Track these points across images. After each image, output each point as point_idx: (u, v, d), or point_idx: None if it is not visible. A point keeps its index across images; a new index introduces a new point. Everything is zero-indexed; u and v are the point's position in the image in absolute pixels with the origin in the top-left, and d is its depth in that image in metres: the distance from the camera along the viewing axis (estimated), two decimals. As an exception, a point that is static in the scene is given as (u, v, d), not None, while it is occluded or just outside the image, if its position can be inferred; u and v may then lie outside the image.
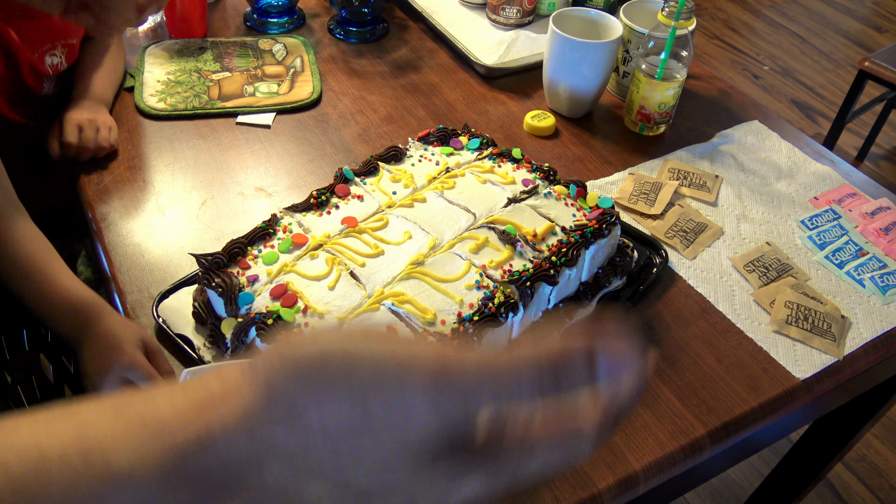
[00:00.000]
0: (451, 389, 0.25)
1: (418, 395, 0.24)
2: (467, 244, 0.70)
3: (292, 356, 0.25)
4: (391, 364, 0.25)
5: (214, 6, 1.26)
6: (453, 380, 0.25)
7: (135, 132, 0.98)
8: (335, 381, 0.24)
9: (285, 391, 0.25)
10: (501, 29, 1.21)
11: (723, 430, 0.69)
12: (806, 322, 0.79)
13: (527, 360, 0.25)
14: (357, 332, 0.26)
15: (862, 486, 1.61)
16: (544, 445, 0.26)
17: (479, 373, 0.25)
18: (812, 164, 1.02)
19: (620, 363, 0.26)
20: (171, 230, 0.84)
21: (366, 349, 0.25)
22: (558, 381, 0.25)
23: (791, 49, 3.13)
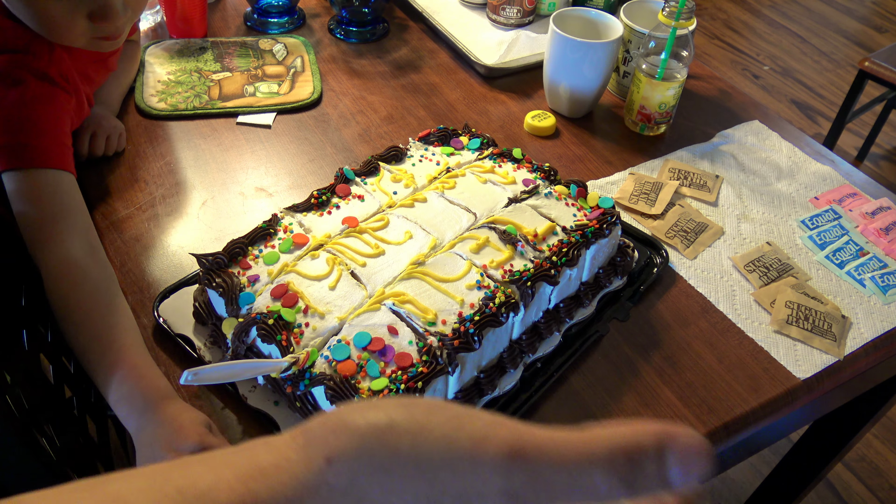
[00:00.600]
0: (527, 476, 0.22)
1: (493, 481, 0.22)
2: (468, 244, 0.70)
3: (356, 425, 0.23)
4: (465, 441, 0.22)
5: (215, 6, 1.26)
6: (530, 465, 0.22)
7: (135, 132, 0.98)
8: (402, 456, 0.22)
9: (346, 465, 0.23)
10: (502, 29, 1.21)
11: (723, 430, 0.69)
12: (806, 322, 0.79)
13: (599, 446, 0.23)
14: (423, 404, 0.24)
15: (862, 486, 1.61)
16: None
17: (554, 459, 0.22)
18: (812, 164, 1.02)
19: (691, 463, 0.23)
20: (171, 230, 0.84)
21: (436, 421, 0.23)
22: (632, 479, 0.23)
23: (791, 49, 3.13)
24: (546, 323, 0.71)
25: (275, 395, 0.66)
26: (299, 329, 0.62)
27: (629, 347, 0.75)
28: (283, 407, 0.65)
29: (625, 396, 0.71)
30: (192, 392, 0.68)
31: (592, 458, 0.22)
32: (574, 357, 0.73)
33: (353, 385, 0.57)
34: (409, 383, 0.58)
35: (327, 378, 0.58)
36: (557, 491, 0.22)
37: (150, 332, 0.72)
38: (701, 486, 0.24)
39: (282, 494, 0.23)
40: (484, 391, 0.67)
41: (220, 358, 0.68)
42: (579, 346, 0.74)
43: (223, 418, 0.66)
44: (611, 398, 0.71)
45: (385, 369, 0.59)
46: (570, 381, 0.72)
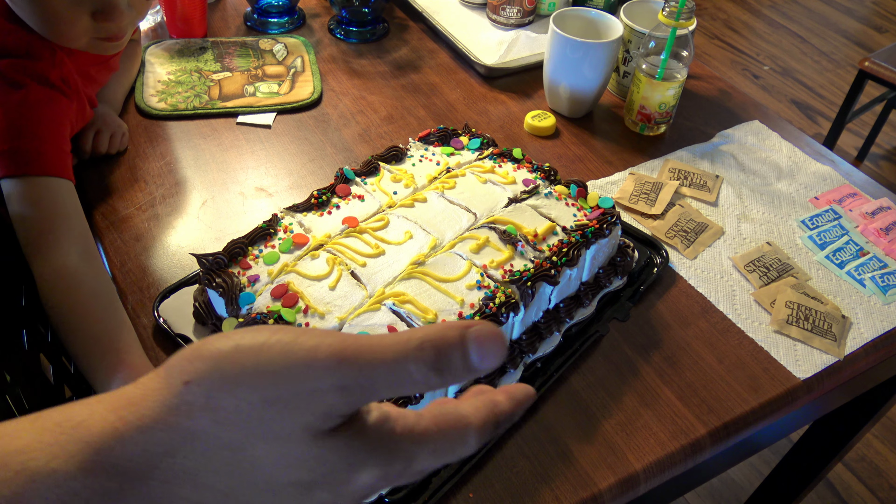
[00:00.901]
0: (354, 372, 0.26)
1: (325, 379, 0.26)
2: (468, 244, 0.70)
3: (208, 351, 0.27)
4: (300, 351, 0.26)
5: (215, 6, 1.26)
6: (355, 364, 0.26)
7: (135, 132, 0.98)
8: (248, 370, 0.26)
9: (201, 385, 0.26)
10: (502, 29, 1.21)
11: (723, 430, 0.69)
12: (806, 322, 0.79)
13: (412, 343, 0.27)
14: (265, 329, 0.28)
15: (862, 486, 1.61)
16: (434, 440, 0.28)
17: (376, 357, 0.27)
18: (812, 164, 1.02)
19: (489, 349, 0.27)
20: (171, 230, 0.84)
21: (275, 339, 0.27)
22: (440, 367, 0.27)
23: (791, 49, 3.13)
24: (546, 323, 0.72)
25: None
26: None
27: (629, 347, 0.75)
28: (283, 407, 0.65)
29: (625, 396, 0.71)
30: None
31: (406, 353, 0.27)
32: (574, 357, 0.73)
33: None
34: (409, 383, 0.58)
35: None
36: (380, 382, 0.26)
37: (151, 332, 0.72)
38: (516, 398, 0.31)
39: (149, 417, 0.26)
40: (484, 391, 0.67)
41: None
42: (579, 346, 0.74)
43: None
44: (611, 398, 0.71)
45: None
46: (570, 381, 0.72)
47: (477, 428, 0.29)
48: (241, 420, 0.26)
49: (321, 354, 0.26)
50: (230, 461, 0.26)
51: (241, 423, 0.26)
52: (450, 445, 0.29)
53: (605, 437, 0.67)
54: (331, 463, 0.27)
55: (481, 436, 0.29)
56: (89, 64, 0.88)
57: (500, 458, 0.65)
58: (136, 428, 0.26)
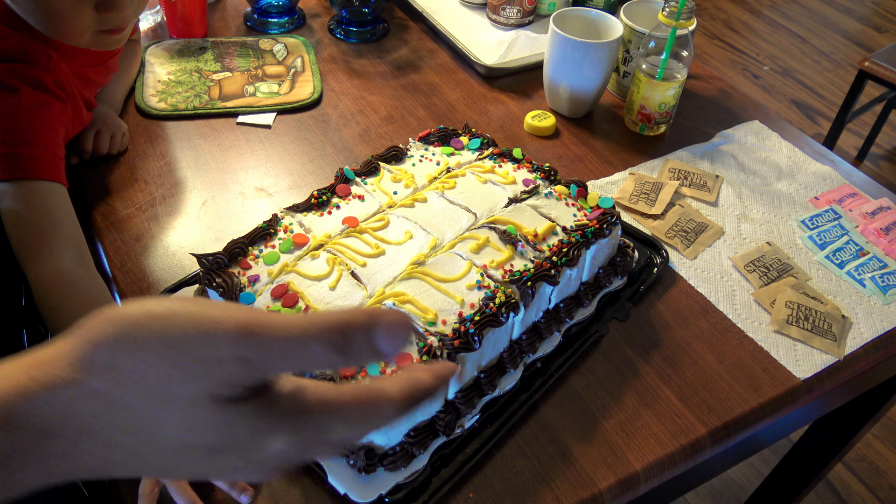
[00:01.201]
0: (256, 346, 0.27)
1: (228, 350, 0.27)
2: (468, 244, 0.70)
3: (118, 315, 0.27)
4: (206, 322, 0.27)
5: (215, 6, 1.26)
6: (259, 338, 0.27)
7: (135, 132, 0.98)
8: (154, 336, 0.27)
9: (108, 346, 0.27)
10: (502, 29, 1.21)
11: (723, 430, 0.69)
12: (806, 322, 0.79)
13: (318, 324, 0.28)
14: (176, 298, 0.29)
15: (862, 486, 1.61)
16: (349, 410, 0.29)
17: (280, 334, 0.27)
18: (812, 164, 1.02)
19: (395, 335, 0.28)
20: (171, 230, 0.84)
21: (184, 309, 0.27)
22: (344, 348, 0.28)
23: (791, 49, 3.13)
24: (546, 323, 0.71)
25: (275, 395, 0.66)
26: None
27: (629, 347, 0.75)
28: (284, 407, 0.65)
29: (625, 396, 0.71)
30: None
31: (311, 332, 0.28)
32: (574, 357, 0.73)
33: (354, 385, 0.57)
34: (410, 383, 0.58)
35: (327, 378, 0.58)
36: (282, 358, 0.28)
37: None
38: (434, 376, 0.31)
39: (56, 376, 0.27)
40: (484, 391, 0.67)
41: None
42: (579, 346, 0.74)
43: (223, 418, 0.66)
44: (611, 398, 0.71)
45: (385, 369, 0.59)
46: (570, 381, 0.72)
47: (393, 399, 0.30)
48: (143, 382, 0.27)
49: (226, 326, 0.27)
50: (133, 421, 0.27)
51: (142, 384, 0.27)
52: (365, 416, 0.29)
53: (605, 437, 0.67)
54: (237, 429, 0.28)
55: (399, 407, 0.30)
56: (87, 65, 0.87)
57: (500, 458, 0.65)
58: (43, 386, 0.27)
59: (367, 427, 0.30)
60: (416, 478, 0.61)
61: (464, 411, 0.65)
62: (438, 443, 0.63)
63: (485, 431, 0.66)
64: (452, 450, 0.64)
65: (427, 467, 0.62)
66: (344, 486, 0.60)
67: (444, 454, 0.63)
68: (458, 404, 0.64)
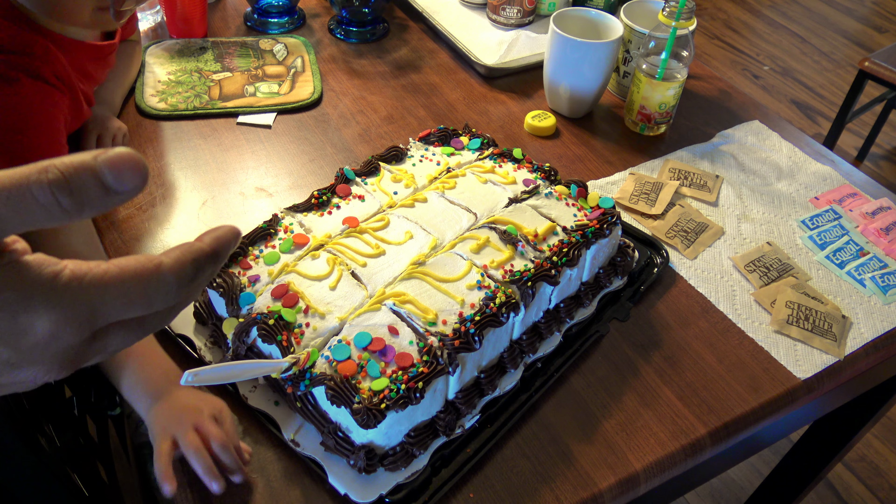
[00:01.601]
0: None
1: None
2: (468, 244, 0.70)
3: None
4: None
5: (215, 6, 1.26)
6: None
7: (135, 132, 0.98)
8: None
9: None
10: (502, 29, 1.21)
11: (723, 430, 0.69)
12: (807, 322, 0.79)
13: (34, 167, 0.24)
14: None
15: (862, 486, 1.61)
16: (120, 281, 0.26)
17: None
18: (812, 164, 1.02)
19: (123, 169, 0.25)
20: (171, 230, 0.84)
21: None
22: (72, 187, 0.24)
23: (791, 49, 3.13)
24: (546, 323, 0.71)
25: (275, 395, 0.66)
26: (300, 329, 0.62)
27: (629, 347, 0.75)
28: (284, 407, 0.65)
29: (625, 396, 0.71)
30: (193, 392, 0.68)
31: (28, 176, 0.24)
32: (574, 357, 0.73)
33: (354, 385, 0.58)
34: (410, 383, 0.58)
35: (328, 378, 0.58)
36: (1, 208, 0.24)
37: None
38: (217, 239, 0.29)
39: None
40: (484, 391, 0.67)
41: (221, 358, 0.68)
42: (579, 346, 0.74)
43: (223, 418, 0.66)
44: (611, 398, 0.71)
45: (385, 369, 0.59)
46: (570, 381, 0.72)
47: (170, 266, 0.27)
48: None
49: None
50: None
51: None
52: (141, 287, 0.26)
53: (605, 437, 0.67)
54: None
55: (178, 274, 0.27)
56: (86, 59, 0.87)
57: (500, 458, 0.65)
58: None
59: (146, 301, 0.27)
60: (416, 478, 0.61)
61: (464, 411, 0.65)
62: (439, 443, 0.63)
63: (485, 431, 0.66)
64: (452, 450, 0.64)
65: (427, 467, 0.62)
66: (344, 487, 0.60)
67: (444, 454, 0.63)
68: (459, 404, 0.64)
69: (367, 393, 0.57)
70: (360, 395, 0.57)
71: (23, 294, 0.25)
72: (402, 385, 0.57)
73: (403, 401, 0.57)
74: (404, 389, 0.57)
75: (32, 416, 0.78)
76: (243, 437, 0.65)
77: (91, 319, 0.26)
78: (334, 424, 0.61)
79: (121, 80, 1.01)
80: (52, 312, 0.25)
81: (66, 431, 0.88)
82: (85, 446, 0.93)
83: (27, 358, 0.26)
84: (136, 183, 0.26)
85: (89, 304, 0.25)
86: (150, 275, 0.26)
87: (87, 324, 0.26)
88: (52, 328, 0.25)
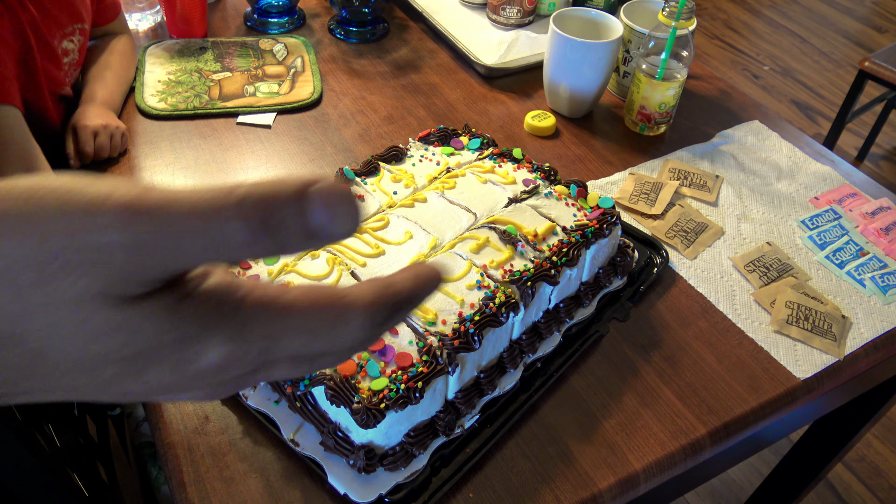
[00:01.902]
0: (151, 227, 0.21)
1: (111, 234, 0.21)
2: (468, 244, 0.70)
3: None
4: (80, 196, 0.21)
5: (215, 6, 1.26)
6: (154, 217, 0.21)
7: (135, 132, 0.98)
8: (10, 219, 0.21)
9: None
10: (502, 29, 1.21)
11: (723, 430, 0.69)
12: (806, 322, 0.79)
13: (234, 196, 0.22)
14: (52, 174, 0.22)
15: (862, 486, 1.61)
16: (303, 314, 0.23)
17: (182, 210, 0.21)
18: (812, 164, 1.02)
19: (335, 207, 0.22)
20: (171, 230, 0.84)
21: (54, 184, 0.21)
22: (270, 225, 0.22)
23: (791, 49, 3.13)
24: (546, 323, 0.71)
25: (275, 394, 0.66)
26: None
27: (629, 347, 0.75)
28: (283, 407, 0.65)
29: (625, 396, 0.71)
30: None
31: (226, 206, 0.21)
32: (574, 357, 0.73)
33: (353, 385, 0.58)
34: (410, 383, 0.58)
35: (327, 378, 0.58)
36: (187, 242, 0.21)
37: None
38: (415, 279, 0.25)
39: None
40: (484, 391, 0.67)
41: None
42: (579, 346, 0.74)
43: (223, 418, 0.66)
44: (611, 398, 0.71)
45: (385, 369, 0.59)
46: (570, 381, 0.72)
47: (363, 305, 0.24)
48: (10, 283, 0.21)
49: (108, 205, 0.21)
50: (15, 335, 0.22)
51: (9, 286, 0.21)
52: (325, 324, 0.23)
53: (605, 437, 0.67)
54: (150, 334, 0.22)
55: (370, 316, 0.24)
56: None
57: (500, 458, 0.65)
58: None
59: (329, 340, 0.24)
60: (415, 478, 0.61)
61: (464, 411, 0.65)
62: (438, 443, 0.63)
63: (485, 431, 0.66)
64: (452, 450, 0.64)
65: (427, 467, 0.62)
66: (344, 486, 0.60)
67: (443, 454, 0.63)
68: (458, 404, 0.64)
69: (367, 393, 0.57)
70: (360, 395, 0.57)
71: (203, 327, 0.23)
72: (402, 385, 0.57)
73: (403, 401, 0.57)
74: (404, 389, 0.57)
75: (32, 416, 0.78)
76: (242, 437, 0.65)
77: (266, 353, 0.24)
78: (334, 424, 0.61)
79: (119, 79, 1.01)
80: (228, 345, 0.23)
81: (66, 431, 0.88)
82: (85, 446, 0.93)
83: (188, 384, 0.24)
84: (347, 228, 0.22)
85: (269, 338, 0.23)
86: (340, 312, 0.24)
87: (260, 357, 0.24)
88: (223, 360, 0.23)
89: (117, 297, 0.22)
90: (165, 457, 0.64)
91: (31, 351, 0.22)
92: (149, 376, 0.23)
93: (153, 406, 0.67)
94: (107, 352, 0.22)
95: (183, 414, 0.66)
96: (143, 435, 1.05)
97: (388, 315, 0.24)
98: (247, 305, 0.23)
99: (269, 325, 0.23)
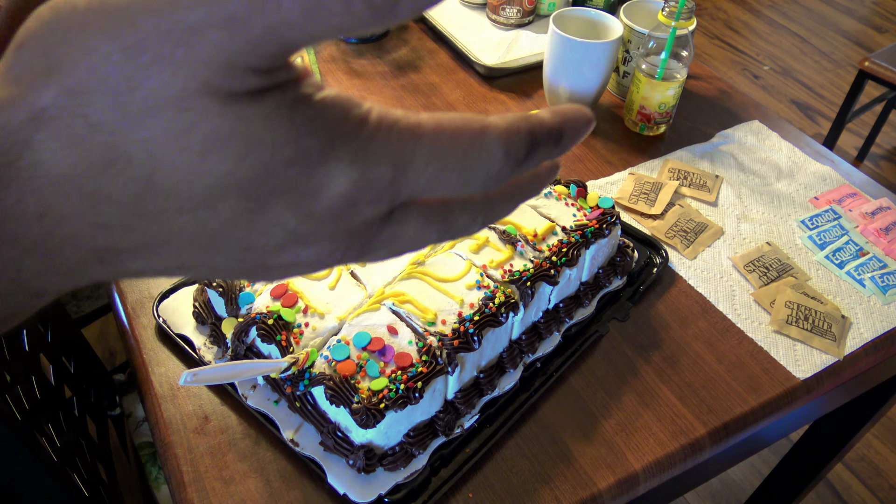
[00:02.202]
0: None
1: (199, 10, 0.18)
2: (468, 244, 0.70)
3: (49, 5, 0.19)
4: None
5: (215, 6, 1.25)
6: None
7: (135, 132, 0.98)
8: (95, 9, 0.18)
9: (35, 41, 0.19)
10: (501, 29, 1.21)
11: (723, 430, 0.69)
12: (806, 322, 0.79)
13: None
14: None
15: (862, 486, 1.61)
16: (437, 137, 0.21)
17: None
18: (812, 164, 1.02)
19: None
20: (171, 230, 0.84)
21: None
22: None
23: (791, 49, 3.13)
24: (546, 323, 0.72)
25: (275, 394, 0.66)
26: (299, 329, 0.62)
27: (629, 347, 0.75)
28: (283, 407, 0.65)
29: (624, 396, 0.71)
30: (192, 392, 0.68)
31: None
32: (574, 357, 0.73)
33: (353, 385, 0.58)
34: (409, 383, 0.58)
35: (327, 378, 0.58)
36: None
37: (151, 332, 0.72)
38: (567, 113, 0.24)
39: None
40: (484, 391, 0.67)
41: (220, 358, 0.68)
42: (579, 346, 0.74)
43: (222, 418, 0.66)
44: (611, 398, 0.71)
45: (385, 369, 0.59)
46: (569, 381, 0.72)
47: (500, 132, 0.21)
48: (102, 84, 0.18)
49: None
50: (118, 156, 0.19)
51: (102, 89, 0.18)
52: (461, 151, 0.21)
53: (604, 437, 0.67)
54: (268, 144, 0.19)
55: (507, 142, 0.21)
56: None
57: (500, 458, 0.65)
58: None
59: (463, 172, 0.21)
60: (415, 478, 0.61)
61: (463, 411, 0.65)
62: (438, 443, 0.63)
63: (484, 431, 0.66)
64: (452, 450, 0.64)
65: (426, 467, 0.62)
66: (343, 487, 0.60)
67: (443, 454, 0.63)
68: (458, 404, 0.64)
69: (367, 393, 0.57)
70: (360, 395, 0.57)
71: (326, 142, 0.20)
72: (402, 385, 0.57)
73: (402, 401, 0.57)
74: (403, 389, 0.57)
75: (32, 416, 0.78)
76: (243, 437, 0.65)
77: (394, 185, 0.21)
78: (333, 424, 0.61)
79: None
80: (354, 169, 0.20)
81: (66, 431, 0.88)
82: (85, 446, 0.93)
83: (316, 229, 0.21)
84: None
85: (396, 163, 0.20)
86: (474, 136, 0.21)
87: (388, 190, 0.21)
88: (349, 190, 0.20)
89: (225, 91, 0.18)
90: (165, 457, 0.64)
91: (139, 178, 0.19)
92: (272, 216, 0.20)
93: (153, 406, 0.67)
94: (222, 174, 0.19)
95: (183, 414, 0.66)
96: (143, 435, 1.05)
97: (527, 148, 0.22)
98: (371, 122, 0.20)
99: (396, 145, 0.20)
